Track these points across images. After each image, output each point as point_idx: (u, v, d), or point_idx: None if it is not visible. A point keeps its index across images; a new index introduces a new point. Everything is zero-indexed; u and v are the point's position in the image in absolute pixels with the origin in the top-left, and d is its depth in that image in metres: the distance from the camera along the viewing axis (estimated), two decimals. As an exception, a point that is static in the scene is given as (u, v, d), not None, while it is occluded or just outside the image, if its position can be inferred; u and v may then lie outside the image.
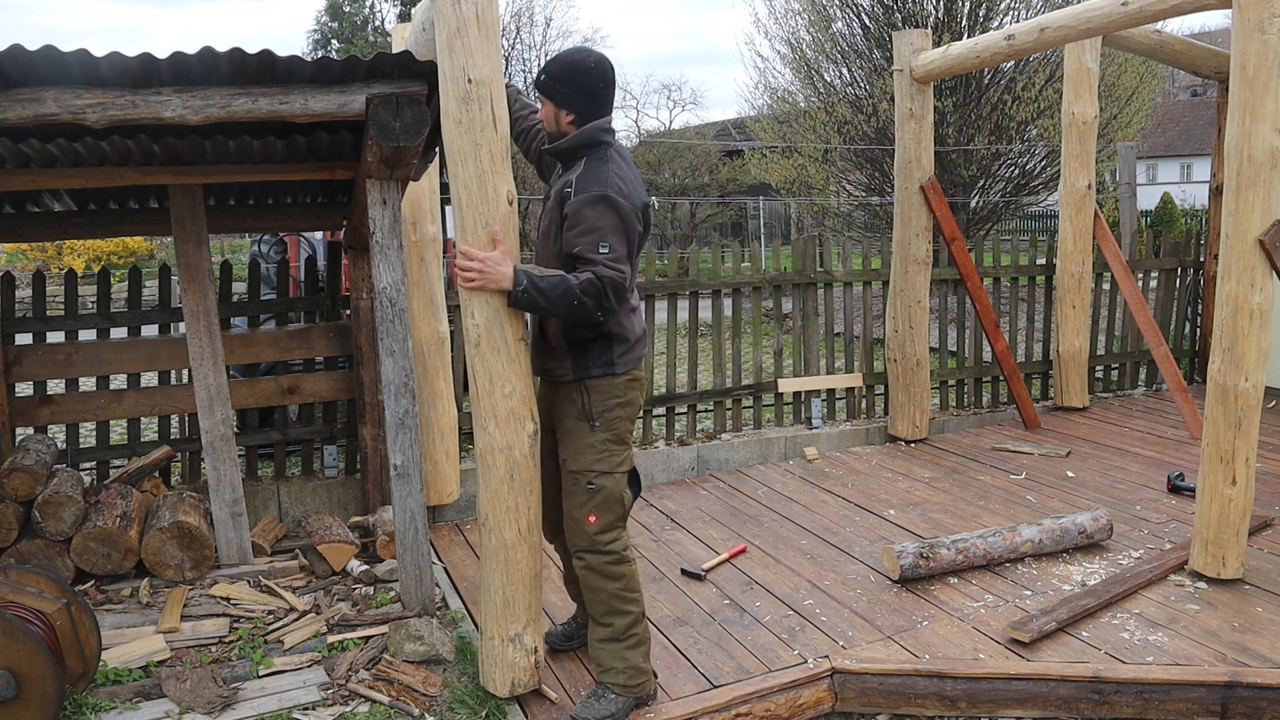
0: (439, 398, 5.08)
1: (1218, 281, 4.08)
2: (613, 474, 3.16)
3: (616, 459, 3.18)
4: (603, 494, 3.15)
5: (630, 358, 3.19)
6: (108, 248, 18.16)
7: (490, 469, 3.11)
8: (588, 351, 3.14)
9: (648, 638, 3.27)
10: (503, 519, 3.13)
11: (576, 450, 3.18)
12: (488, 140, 2.97)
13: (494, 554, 3.18)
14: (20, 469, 4.19)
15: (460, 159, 2.98)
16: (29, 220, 4.77)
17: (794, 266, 6.57)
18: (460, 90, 2.94)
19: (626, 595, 3.20)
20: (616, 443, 3.18)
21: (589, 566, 3.20)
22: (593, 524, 3.16)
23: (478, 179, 2.98)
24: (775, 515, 5.21)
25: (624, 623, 3.20)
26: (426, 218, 4.99)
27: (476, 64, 2.93)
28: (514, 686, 3.27)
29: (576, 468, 3.17)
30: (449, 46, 2.93)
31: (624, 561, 3.20)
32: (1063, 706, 3.41)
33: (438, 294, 5.07)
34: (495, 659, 3.27)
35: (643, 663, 3.24)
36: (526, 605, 3.23)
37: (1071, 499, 5.26)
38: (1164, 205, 16.78)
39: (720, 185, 22.59)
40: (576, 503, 3.18)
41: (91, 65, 3.17)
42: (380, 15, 23.97)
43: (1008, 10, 12.34)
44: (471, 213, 2.99)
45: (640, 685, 3.23)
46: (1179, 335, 7.93)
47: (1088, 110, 6.81)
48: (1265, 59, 3.89)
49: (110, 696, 3.31)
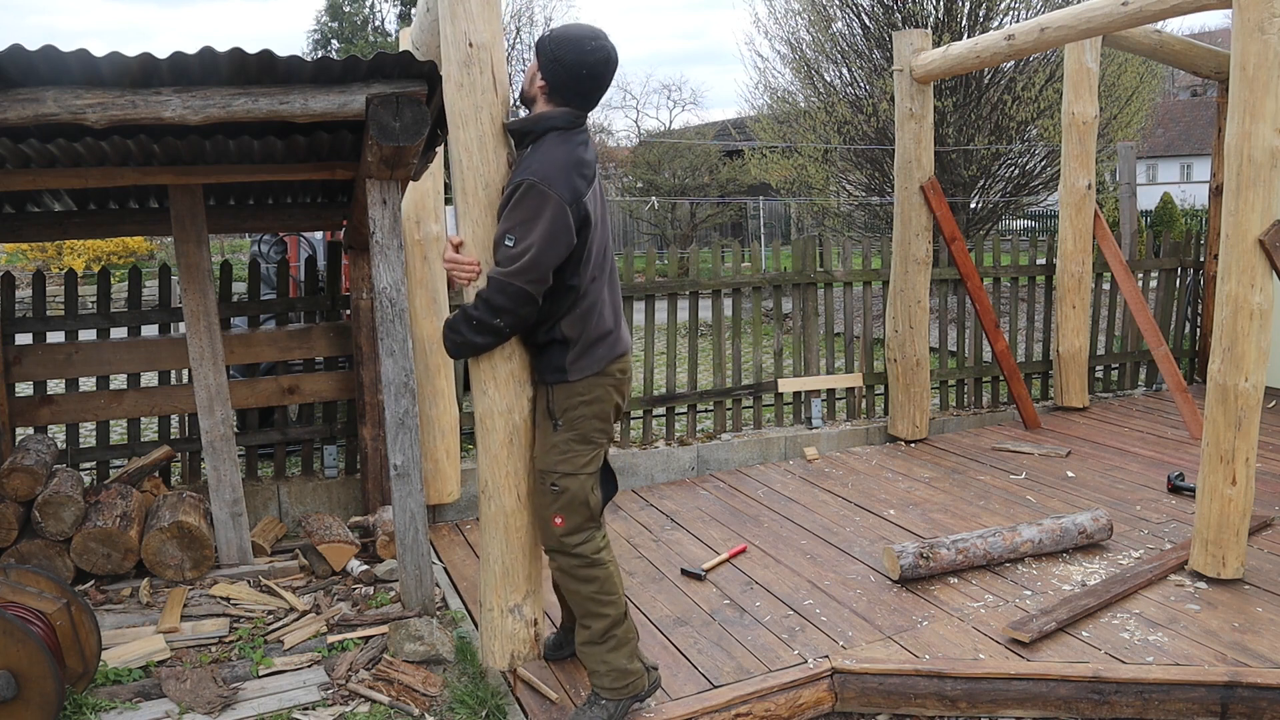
0: (440, 396, 5.08)
1: (1218, 281, 4.08)
2: (577, 475, 3.04)
3: (581, 460, 3.05)
4: (566, 495, 3.04)
5: (586, 363, 3.03)
6: (108, 248, 18.15)
7: (490, 433, 3.07)
8: (543, 354, 3.05)
9: (630, 638, 3.16)
10: (502, 484, 3.09)
11: (542, 449, 3.08)
12: (488, 103, 2.99)
13: (493, 521, 3.13)
14: (20, 469, 4.19)
15: (461, 122, 3.00)
16: (29, 220, 4.77)
17: (794, 266, 6.57)
18: (461, 54, 2.97)
19: (601, 598, 3.09)
20: (581, 443, 3.06)
21: (560, 569, 3.12)
22: (559, 526, 3.06)
23: (478, 141, 2.99)
24: (775, 515, 5.21)
25: (601, 626, 3.11)
26: (430, 216, 4.99)
27: (477, 28, 2.97)
28: (514, 659, 3.22)
29: (542, 467, 3.07)
30: (451, 12, 2.97)
31: (595, 565, 3.09)
32: (1063, 706, 3.41)
33: (440, 292, 5.07)
34: (495, 631, 3.20)
35: (626, 663, 3.13)
36: (526, 575, 3.18)
37: (1071, 499, 5.26)
38: (1164, 205, 16.77)
39: (720, 185, 22.58)
40: (543, 503, 3.08)
41: (91, 65, 3.17)
42: (380, 15, 23.95)
43: (1008, 10, 12.34)
44: (472, 174, 3.00)
45: (627, 685, 3.12)
46: (1179, 335, 7.92)
47: (1088, 110, 6.81)
48: (1265, 59, 3.89)
49: (110, 696, 3.31)
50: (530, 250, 2.81)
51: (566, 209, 2.85)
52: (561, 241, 2.86)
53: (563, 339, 3.00)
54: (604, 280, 3.08)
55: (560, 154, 2.91)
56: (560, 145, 2.93)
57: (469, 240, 3.01)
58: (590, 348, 3.03)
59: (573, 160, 2.92)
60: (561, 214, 2.84)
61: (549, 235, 2.83)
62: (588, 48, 2.94)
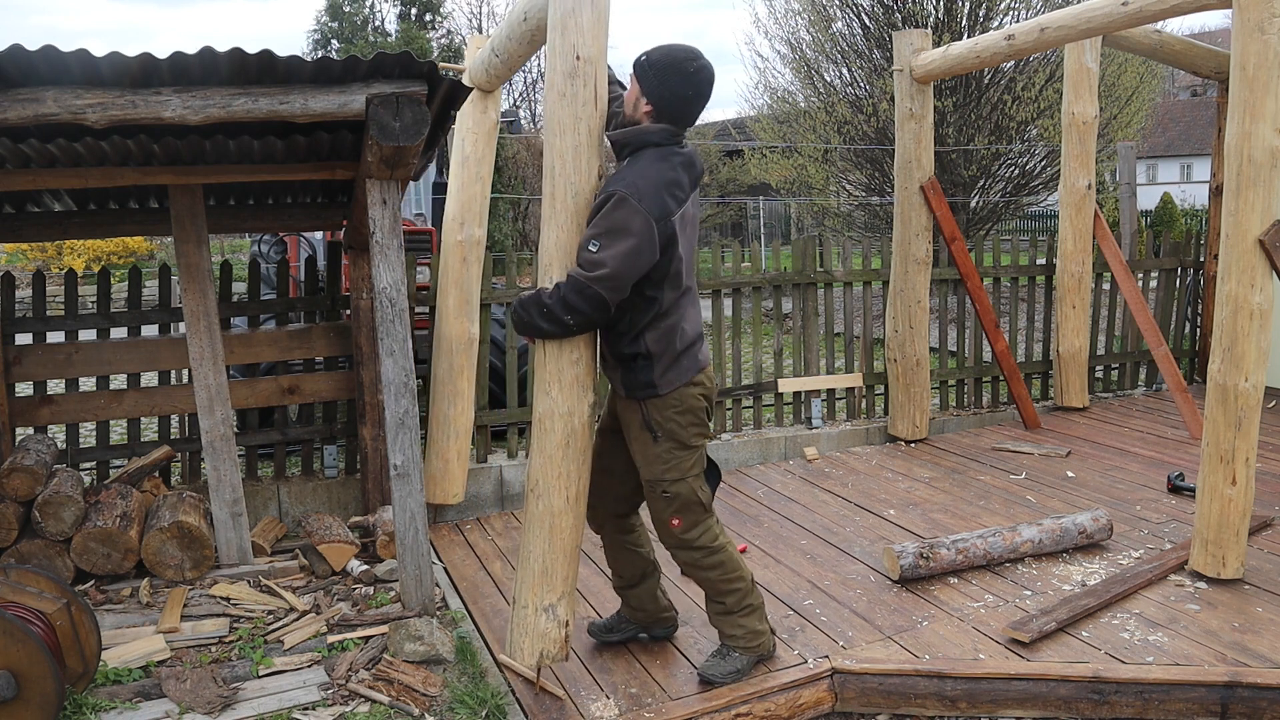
0: (460, 397, 5.09)
1: (1218, 281, 4.08)
2: (684, 479, 3.23)
3: (685, 464, 3.23)
4: (679, 500, 3.24)
5: (673, 376, 3.16)
6: (108, 248, 18.15)
7: (547, 434, 3.13)
8: (632, 369, 3.17)
9: (760, 603, 3.45)
10: (553, 485, 3.14)
11: (645, 460, 3.25)
12: (588, 115, 3.05)
13: (539, 520, 3.17)
14: (20, 469, 4.19)
15: (559, 130, 3.05)
16: (29, 220, 4.77)
17: (794, 266, 6.57)
18: (568, 65, 3.02)
19: (729, 577, 3.35)
20: (681, 449, 3.22)
21: (685, 563, 3.36)
22: (677, 527, 3.27)
23: (574, 150, 3.05)
24: (775, 515, 5.20)
25: (734, 599, 3.38)
26: (475, 220, 5.01)
27: (586, 43, 3.03)
28: (543, 657, 3.23)
29: (649, 477, 3.25)
30: (562, 25, 3.03)
31: (716, 551, 3.32)
32: (1063, 706, 3.41)
33: (474, 295, 5.10)
34: (526, 628, 3.22)
35: (759, 625, 3.44)
36: (564, 576, 3.22)
37: (1071, 499, 5.26)
38: (1164, 205, 16.78)
39: (720, 185, 22.60)
40: (657, 509, 3.29)
41: (91, 65, 3.17)
42: (380, 15, 23.94)
43: (1008, 10, 12.34)
44: (564, 182, 3.06)
45: (759, 644, 3.44)
46: (1179, 335, 7.92)
47: (1088, 110, 6.81)
48: (1265, 59, 3.89)
49: (110, 696, 3.31)
50: (613, 259, 2.92)
51: (653, 225, 2.95)
52: (644, 256, 2.97)
53: (647, 354, 3.13)
54: (688, 298, 3.22)
55: (655, 171, 3.03)
56: (657, 163, 3.06)
57: (550, 244, 3.10)
58: (676, 361, 3.17)
59: (666, 180, 3.03)
60: (648, 229, 2.94)
61: (633, 249, 2.93)
62: (690, 69, 3.06)
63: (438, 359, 5.07)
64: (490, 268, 5.68)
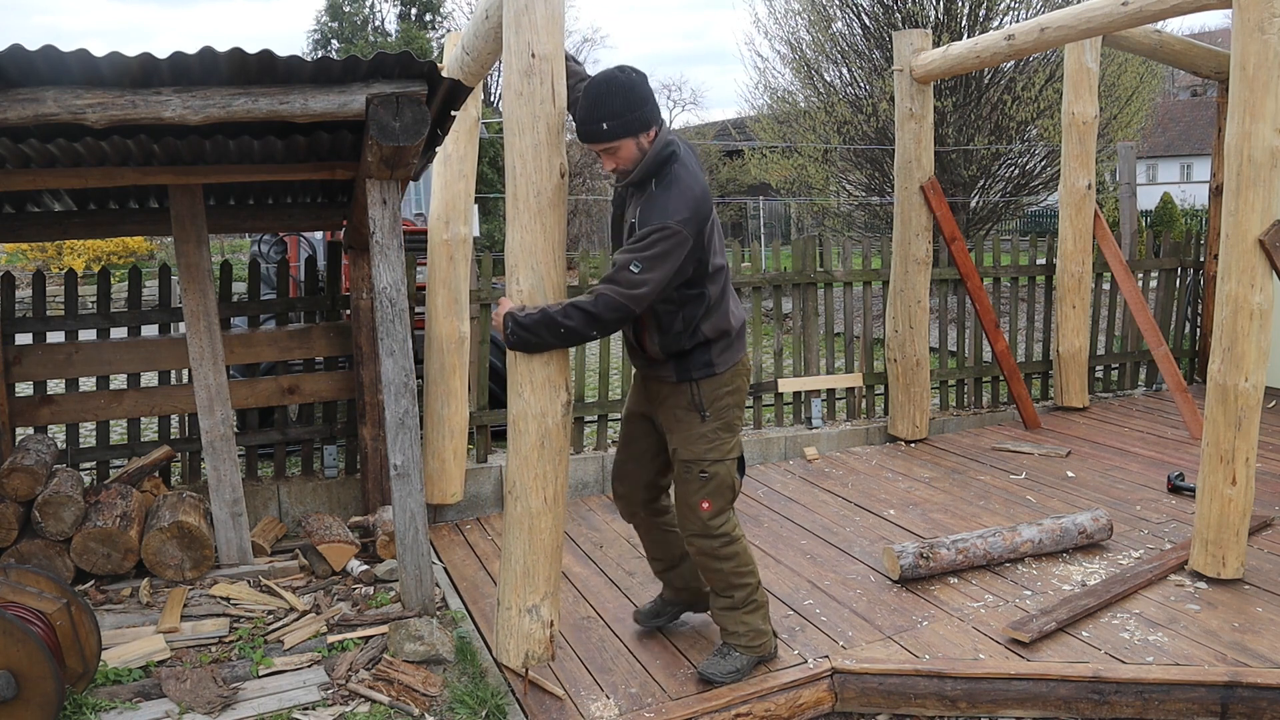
0: (453, 396, 5.08)
1: (1218, 281, 4.08)
2: (724, 460, 3.26)
3: (727, 445, 3.28)
4: (715, 481, 3.26)
5: (729, 355, 3.27)
6: (108, 248, 18.16)
7: (522, 435, 3.13)
8: (688, 357, 3.22)
9: (765, 601, 3.47)
10: (530, 486, 3.14)
11: (688, 440, 3.26)
12: (545, 113, 3.05)
13: (518, 522, 3.18)
14: (20, 469, 4.19)
15: (518, 129, 3.05)
16: (29, 220, 4.77)
17: (794, 266, 6.57)
18: (524, 64, 3.02)
19: (741, 570, 3.36)
20: (726, 430, 3.28)
21: (701, 551, 3.34)
22: (706, 510, 3.27)
23: (534, 149, 3.05)
24: (775, 515, 5.20)
25: (743, 594, 3.39)
26: (460, 218, 5.01)
27: (541, 40, 3.02)
28: (528, 658, 3.25)
29: (689, 457, 3.26)
30: (516, 22, 3.02)
31: (733, 541, 3.34)
32: (1063, 706, 3.41)
33: (462, 293, 5.09)
34: (511, 630, 3.25)
35: (762, 624, 3.44)
36: (546, 576, 3.23)
37: (1071, 499, 5.26)
38: (1164, 205, 16.79)
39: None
40: (690, 490, 3.28)
41: (91, 65, 3.17)
42: (380, 15, 23.94)
43: (1008, 10, 12.35)
44: (525, 182, 3.06)
45: (761, 645, 3.44)
46: (1179, 335, 7.92)
47: (1088, 110, 6.81)
48: (1265, 59, 3.89)
49: (110, 696, 3.31)
50: (653, 282, 2.99)
51: (691, 240, 3.04)
52: (682, 270, 3.07)
53: (705, 340, 3.21)
54: (727, 284, 3.29)
55: (690, 192, 3.05)
56: (687, 176, 3.08)
57: (515, 245, 3.10)
58: (731, 341, 3.28)
59: (701, 192, 3.09)
60: (687, 247, 3.03)
61: (673, 270, 3.02)
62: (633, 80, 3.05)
63: (429, 359, 5.07)
64: (490, 268, 5.68)
